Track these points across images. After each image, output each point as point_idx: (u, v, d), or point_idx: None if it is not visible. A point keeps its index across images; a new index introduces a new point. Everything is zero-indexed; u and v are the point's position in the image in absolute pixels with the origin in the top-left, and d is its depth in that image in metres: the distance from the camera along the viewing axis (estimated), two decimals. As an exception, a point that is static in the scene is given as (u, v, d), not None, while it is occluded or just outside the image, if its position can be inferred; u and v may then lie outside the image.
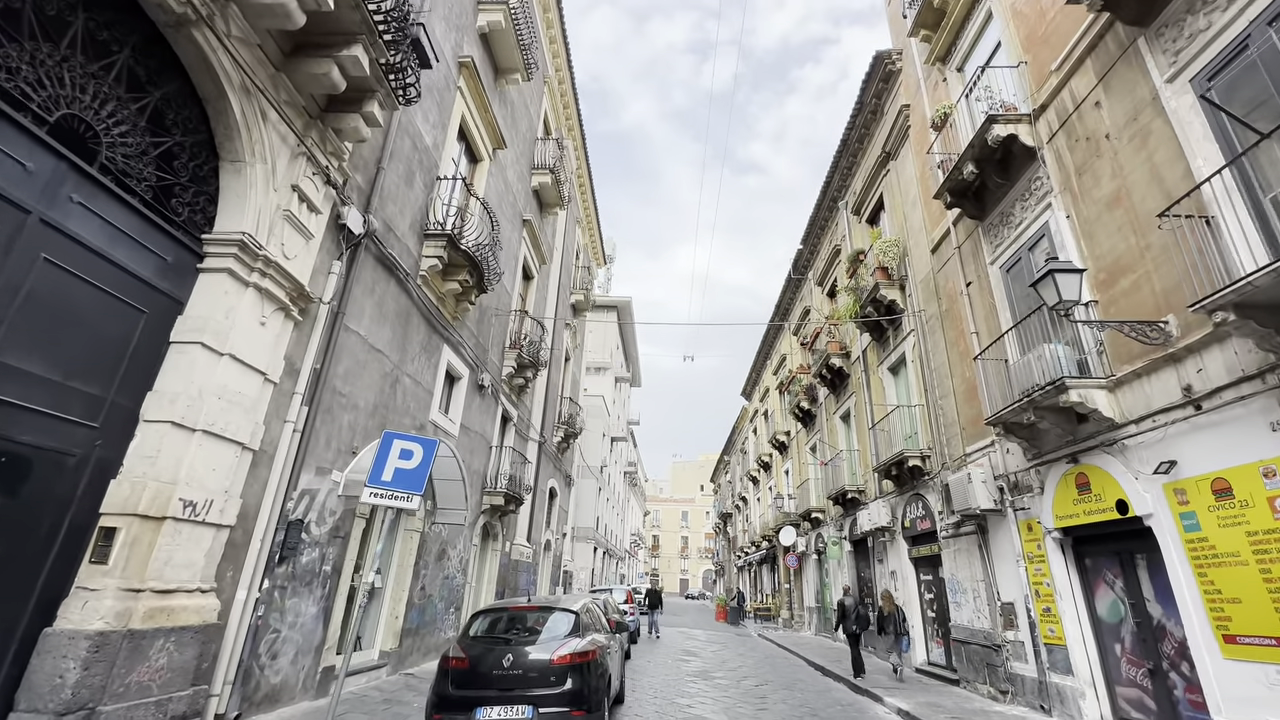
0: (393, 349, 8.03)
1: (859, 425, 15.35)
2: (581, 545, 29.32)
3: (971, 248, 9.75)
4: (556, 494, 19.76)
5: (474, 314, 11.10)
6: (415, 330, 8.70)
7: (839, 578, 16.83)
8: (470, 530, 11.34)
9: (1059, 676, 7.28)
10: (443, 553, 9.96)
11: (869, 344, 14.47)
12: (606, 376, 35.91)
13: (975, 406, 9.42)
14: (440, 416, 9.67)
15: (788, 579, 23.55)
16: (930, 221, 11.38)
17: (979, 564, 9.09)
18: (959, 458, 9.85)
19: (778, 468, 26.13)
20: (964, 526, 9.46)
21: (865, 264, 13.58)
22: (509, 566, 13.82)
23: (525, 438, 15.20)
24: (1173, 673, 5.95)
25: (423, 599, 9.20)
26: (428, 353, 9.17)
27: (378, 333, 7.62)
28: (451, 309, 9.86)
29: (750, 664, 12.82)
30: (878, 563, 13.71)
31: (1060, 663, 7.28)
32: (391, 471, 5.38)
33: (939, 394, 10.72)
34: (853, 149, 15.64)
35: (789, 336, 24.16)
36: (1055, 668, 7.36)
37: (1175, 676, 5.91)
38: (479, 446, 11.63)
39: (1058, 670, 7.32)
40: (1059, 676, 7.28)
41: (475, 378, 11.24)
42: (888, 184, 13.68)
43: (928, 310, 11.29)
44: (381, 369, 7.74)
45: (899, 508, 12.41)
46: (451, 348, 10.02)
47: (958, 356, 10.14)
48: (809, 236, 19.75)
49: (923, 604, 11.70)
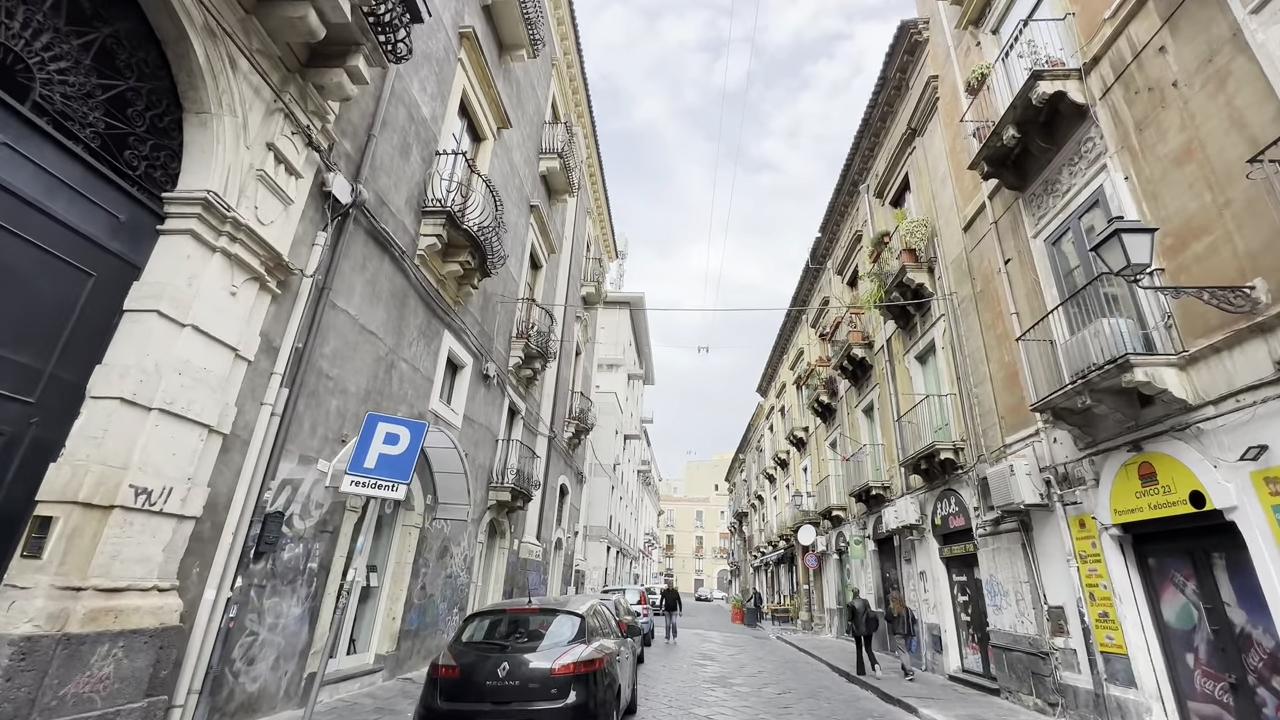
0: (387, 332, 7.52)
1: (883, 418, 14.60)
2: (594, 544, 28.79)
3: (1010, 222, 9.01)
4: (568, 491, 19.22)
5: (477, 300, 10.57)
6: (413, 313, 8.18)
7: (862, 578, 16.09)
8: (475, 527, 10.82)
9: (1119, 689, 6.54)
10: (445, 550, 9.44)
11: (894, 332, 13.72)
12: (619, 374, 35.38)
13: (1016, 393, 8.69)
14: (441, 406, 9.15)
15: (806, 579, 22.80)
16: (962, 197, 10.64)
17: (1022, 564, 8.36)
18: (998, 449, 9.11)
19: (795, 465, 25.37)
20: (1005, 523, 8.73)
21: (890, 247, 12.85)
22: (517, 565, 13.29)
23: (534, 432, 14.67)
24: (1261, 688, 5.21)
25: (423, 599, 8.69)
26: (427, 338, 8.65)
27: (370, 313, 7.10)
28: (453, 293, 9.34)
29: (770, 669, 12.16)
30: (905, 562, 12.96)
31: (1120, 673, 6.54)
32: (375, 457, 4.84)
33: (974, 381, 9.97)
34: (875, 128, 14.89)
35: (806, 329, 23.41)
36: (1115, 679, 6.62)
37: (1264, 693, 5.17)
38: (484, 440, 11.11)
39: (1118, 682, 6.58)
40: (1119, 689, 6.54)
41: (480, 367, 10.71)
42: (913, 163, 12.94)
43: (960, 293, 10.55)
44: (375, 352, 7.22)
45: (929, 504, 11.67)
46: (453, 334, 9.50)
47: (995, 340, 9.40)
48: (828, 223, 19.01)
49: (955, 607, 10.95)
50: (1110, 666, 6.69)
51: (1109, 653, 6.72)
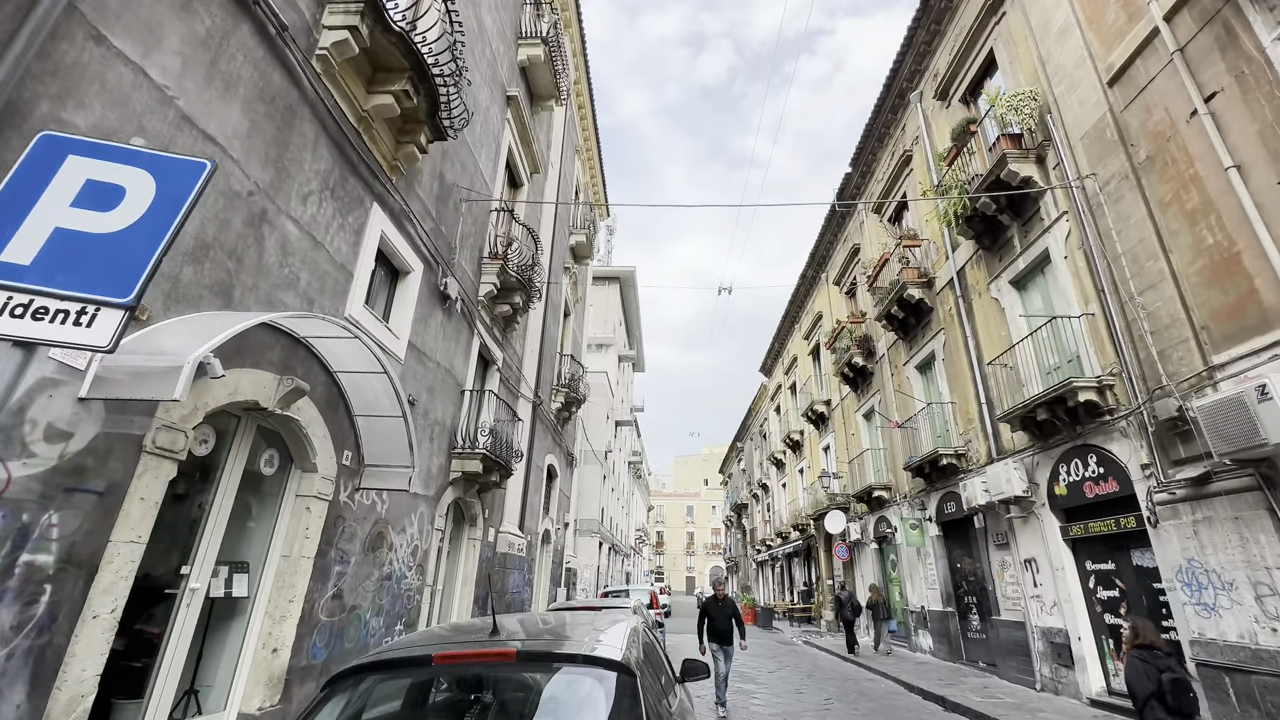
0: (254, 159, 4.35)
1: (953, 370, 11.71)
2: (585, 539, 25.66)
3: (1215, 38, 6.11)
4: (556, 474, 16.08)
5: (429, 181, 7.41)
6: (308, 148, 5.01)
7: (918, 570, 13.20)
8: (431, 508, 7.67)
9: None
10: (379, 538, 6.28)
11: (971, 257, 10.82)
12: (609, 354, 32.23)
13: (1240, 283, 5.80)
14: (368, 316, 5.99)
15: (831, 574, 19.92)
16: (1102, 42, 7.74)
17: (1266, 538, 5.46)
18: (1195, 375, 6.22)
19: (813, 445, 22.50)
20: (1224, 480, 5.84)
21: (978, 139, 9.94)
22: (494, 562, 10.15)
23: (515, 392, 11.52)
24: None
25: (337, 614, 5.52)
26: (340, 202, 5.48)
27: (209, 104, 3.93)
28: (387, 150, 6.17)
29: (839, 697, 9.19)
30: (995, 548, 10.07)
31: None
32: (42, 240, 1.68)
33: (1135, 288, 7.07)
34: (936, 12, 11.98)
35: (827, 289, 20.53)
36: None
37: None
38: (443, 386, 7.95)
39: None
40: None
41: (434, 280, 7.55)
42: (1001, 33, 10.03)
43: (1104, 172, 7.64)
44: (220, 176, 4.04)
45: (1042, 469, 8.78)
46: (389, 214, 6.33)
47: (1183, 219, 6.50)
48: (861, 155, 16.09)
49: (1093, 605, 8.06)
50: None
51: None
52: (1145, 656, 4.09)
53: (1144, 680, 3.98)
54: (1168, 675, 3.93)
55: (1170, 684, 3.88)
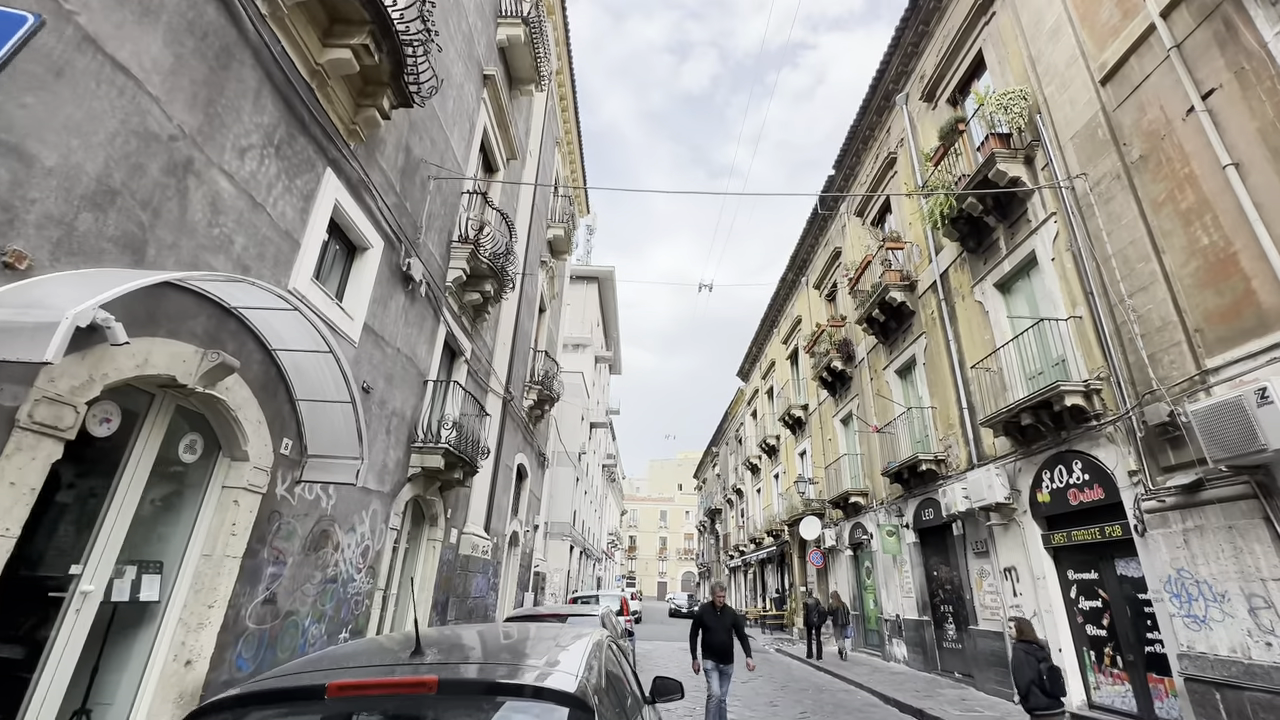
0: (178, 99, 3.81)
1: (934, 374, 11.53)
2: (556, 543, 25.02)
3: (1215, 33, 5.96)
4: (527, 474, 15.51)
5: (393, 152, 6.88)
6: (248, 97, 4.47)
7: (894, 578, 12.98)
8: (387, 504, 7.10)
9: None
10: (323, 536, 5.71)
11: (956, 260, 10.66)
12: (586, 354, 31.70)
13: (1236, 285, 5.62)
14: (316, 290, 5.44)
15: (804, 581, 19.68)
16: (1095, 41, 7.60)
17: (1262, 548, 5.26)
18: (1187, 379, 6.03)
19: (789, 450, 22.30)
20: (1217, 488, 5.63)
21: (964, 140, 9.78)
22: (456, 565, 9.57)
23: (484, 386, 10.97)
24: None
25: (270, 621, 4.95)
26: (287, 162, 4.94)
27: (122, 28, 3.39)
28: (345, 110, 5.65)
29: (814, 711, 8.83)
30: (974, 556, 9.86)
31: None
32: None
33: (1126, 290, 6.89)
34: (925, 13, 11.86)
35: (807, 293, 20.38)
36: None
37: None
38: (402, 374, 7.40)
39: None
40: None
41: (396, 259, 7.01)
42: (991, 34, 9.91)
43: (1094, 172, 7.48)
44: (133, 113, 3.50)
45: (1024, 475, 8.58)
46: (344, 181, 5.80)
47: (1176, 221, 6.33)
48: (845, 158, 15.95)
49: (1075, 617, 7.86)
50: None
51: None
52: (1028, 650, 5.22)
53: (1026, 669, 5.12)
54: (1045, 665, 5.10)
55: (1047, 671, 5.07)
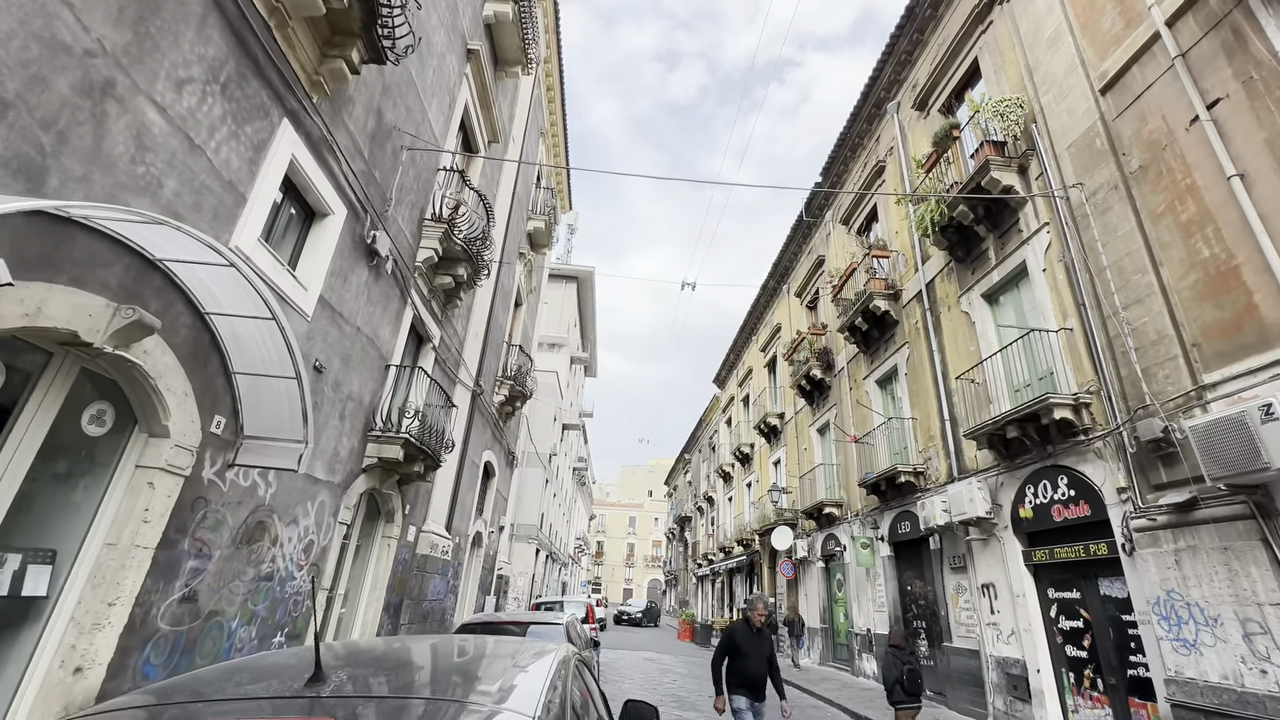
0: (98, 9, 3.27)
1: (915, 385, 11.35)
2: (521, 545, 24.28)
3: (1221, 44, 5.84)
4: (495, 473, 14.90)
5: (362, 114, 6.35)
6: (190, 23, 3.93)
7: (866, 591, 12.74)
8: (336, 496, 6.51)
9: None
10: (259, 529, 5.12)
11: (943, 269, 10.51)
12: (562, 354, 31.10)
13: (1234, 299, 5.46)
14: (263, 253, 4.88)
15: (774, 592, 19.40)
16: (1095, 49, 7.49)
17: (1259, 571, 5.06)
18: (1183, 395, 5.86)
19: (763, 459, 22.07)
20: (1212, 507, 5.44)
21: (957, 148, 9.64)
22: (413, 564, 8.96)
23: (453, 377, 10.39)
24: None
25: (188, 622, 4.35)
26: (235, 104, 4.39)
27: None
28: (309, 60, 5.12)
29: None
30: (951, 570, 9.64)
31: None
32: None
33: (1120, 302, 6.73)
34: (921, 21, 11.77)
35: (788, 300, 20.24)
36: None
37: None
38: (361, 355, 6.83)
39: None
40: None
41: (360, 230, 6.46)
42: (988, 42, 9.82)
43: (1091, 182, 7.34)
44: (35, 13, 2.95)
45: (1007, 489, 8.39)
46: (304, 137, 5.26)
47: (1175, 232, 6.18)
48: (833, 165, 15.85)
49: (1054, 636, 7.65)
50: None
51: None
52: (896, 654, 6.14)
53: (892, 670, 6.05)
54: (907, 667, 6.04)
55: (908, 673, 6.01)
